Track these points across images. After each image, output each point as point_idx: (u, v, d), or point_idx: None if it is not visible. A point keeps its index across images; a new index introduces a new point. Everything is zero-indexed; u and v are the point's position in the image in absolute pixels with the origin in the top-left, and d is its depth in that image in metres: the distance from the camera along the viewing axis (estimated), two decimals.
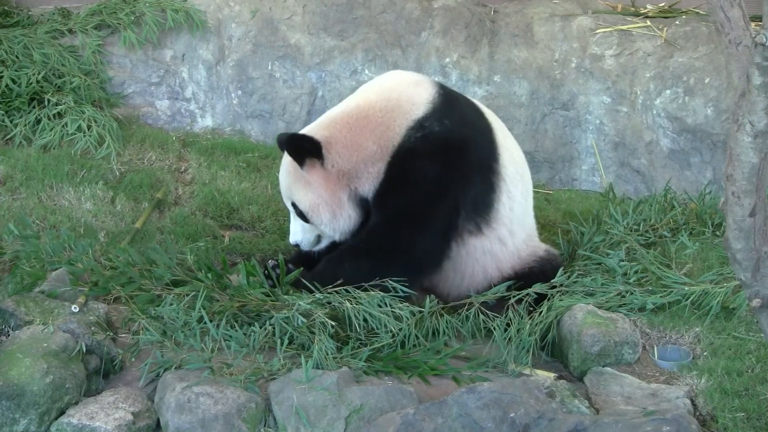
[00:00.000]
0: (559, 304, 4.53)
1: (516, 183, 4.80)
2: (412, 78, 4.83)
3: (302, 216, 4.71)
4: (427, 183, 4.58)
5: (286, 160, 4.72)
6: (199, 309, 4.27)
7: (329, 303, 4.33)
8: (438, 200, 4.59)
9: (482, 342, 4.49)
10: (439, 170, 4.58)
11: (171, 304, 4.35)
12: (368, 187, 4.62)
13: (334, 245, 4.76)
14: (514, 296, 4.58)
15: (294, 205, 4.73)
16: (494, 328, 4.42)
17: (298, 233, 4.78)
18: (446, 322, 4.46)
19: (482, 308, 4.55)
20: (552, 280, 4.68)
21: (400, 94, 4.67)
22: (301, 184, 4.67)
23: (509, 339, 4.39)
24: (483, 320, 4.51)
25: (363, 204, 4.66)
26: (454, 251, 4.69)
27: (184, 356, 4.13)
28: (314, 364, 4.03)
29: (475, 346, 4.47)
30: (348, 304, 4.27)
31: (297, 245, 4.82)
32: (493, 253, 4.77)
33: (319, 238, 4.79)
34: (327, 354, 4.10)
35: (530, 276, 4.75)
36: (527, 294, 4.58)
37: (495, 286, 4.68)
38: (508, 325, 4.44)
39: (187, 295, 4.37)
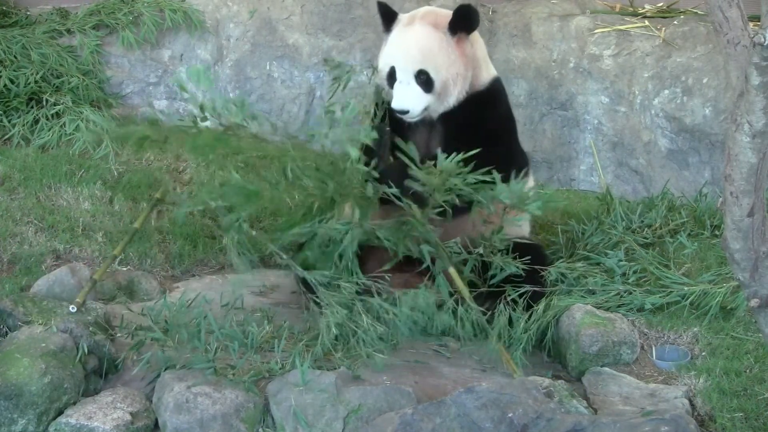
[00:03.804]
0: (558, 303, 4.53)
1: None
2: None
3: (428, 84, 4.78)
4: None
5: (430, 29, 4.83)
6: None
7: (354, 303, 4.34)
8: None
9: (479, 341, 4.48)
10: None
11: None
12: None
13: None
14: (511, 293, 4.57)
15: (423, 72, 4.78)
16: (491, 327, 4.40)
17: (411, 99, 4.78)
18: (445, 315, 4.46)
19: (475, 305, 4.53)
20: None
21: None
22: (445, 54, 4.79)
23: (500, 336, 4.37)
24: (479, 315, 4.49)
25: None
26: None
27: (187, 356, 4.13)
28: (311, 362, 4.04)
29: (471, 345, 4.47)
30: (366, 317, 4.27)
31: (405, 112, 4.77)
32: None
33: (424, 111, 4.82)
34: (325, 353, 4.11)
35: None
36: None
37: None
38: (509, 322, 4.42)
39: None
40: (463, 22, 4.80)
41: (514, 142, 5.03)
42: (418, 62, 4.79)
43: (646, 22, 6.33)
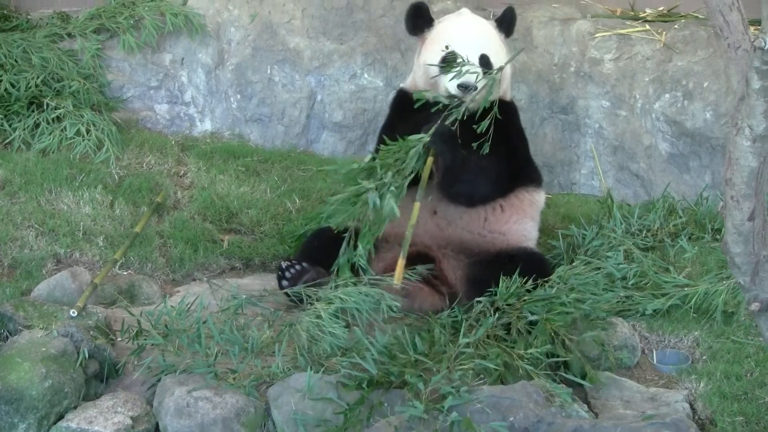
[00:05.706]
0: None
1: None
2: None
3: (489, 68, 4.88)
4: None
5: (483, 20, 5.12)
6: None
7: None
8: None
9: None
10: None
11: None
12: None
13: None
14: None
15: (485, 56, 4.90)
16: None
17: (476, 78, 4.88)
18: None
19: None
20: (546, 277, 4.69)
21: None
22: (499, 45, 5.04)
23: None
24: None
25: None
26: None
27: (187, 361, 4.12)
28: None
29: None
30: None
31: (474, 88, 4.79)
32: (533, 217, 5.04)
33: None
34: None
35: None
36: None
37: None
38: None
39: None
40: (508, 24, 5.06)
41: (528, 156, 5.11)
42: (481, 47, 4.94)
43: (647, 26, 6.32)
